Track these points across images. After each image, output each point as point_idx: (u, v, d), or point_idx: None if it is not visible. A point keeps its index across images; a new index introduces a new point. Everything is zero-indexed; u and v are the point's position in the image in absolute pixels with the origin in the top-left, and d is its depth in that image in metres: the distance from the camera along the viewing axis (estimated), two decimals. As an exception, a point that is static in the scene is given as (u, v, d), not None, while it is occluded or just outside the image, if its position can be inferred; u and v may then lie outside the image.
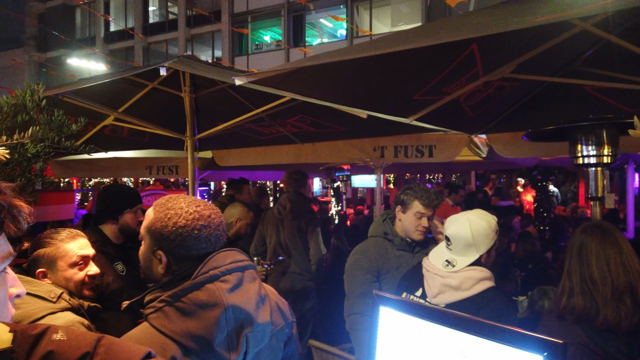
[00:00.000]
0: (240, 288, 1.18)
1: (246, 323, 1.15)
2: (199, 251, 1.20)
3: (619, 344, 1.51)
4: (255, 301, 1.19)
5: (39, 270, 1.70)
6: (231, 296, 1.14)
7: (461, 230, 1.87)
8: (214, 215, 1.25)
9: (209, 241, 1.22)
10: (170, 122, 4.08)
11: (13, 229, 0.78)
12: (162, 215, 1.21)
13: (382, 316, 1.19)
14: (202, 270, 1.15)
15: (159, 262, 1.21)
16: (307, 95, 2.23)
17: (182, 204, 1.23)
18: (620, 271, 1.57)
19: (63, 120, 2.25)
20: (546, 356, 0.84)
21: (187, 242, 1.19)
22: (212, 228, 1.22)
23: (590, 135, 2.21)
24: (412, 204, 2.47)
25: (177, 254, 1.20)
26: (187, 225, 1.19)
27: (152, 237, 1.22)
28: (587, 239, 1.65)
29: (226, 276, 1.16)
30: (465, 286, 1.81)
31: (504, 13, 1.74)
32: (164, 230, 1.19)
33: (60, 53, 25.75)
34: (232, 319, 1.12)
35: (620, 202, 9.03)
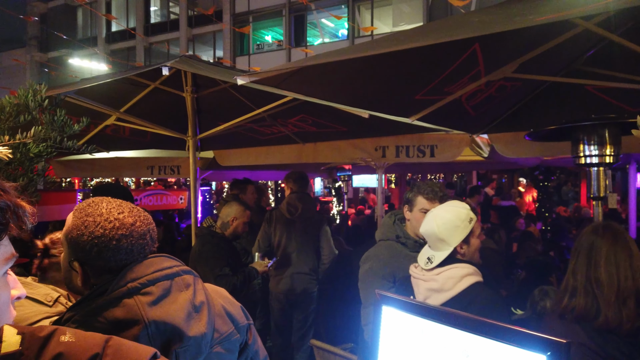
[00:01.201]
0: (166, 299, 1.06)
1: (174, 339, 1.04)
2: (118, 263, 1.08)
3: (620, 345, 1.51)
4: (185, 312, 1.07)
5: None
6: (153, 310, 1.03)
7: (428, 226, 1.88)
8: (139, 223, 1.13)
9: (129, 252, 1.09)
10: (172, 122, 4.09)
11: (17, 230, 0.77)
12: (80, 223, 1.09)
13: (385, 316, 1.19)
14: (119, 284, 1.04)
15: (77, 274, 1.11)
16: (309, 95, 2.23)
17: (103, 210, 1.11)
18: (629, 275, 1.56)
19: (65, 120, 2.25)
20: (549, 356, 0.83)
21: (104, 253, 1.07)
22: (134, 237, 1.10)
23: (592, 135, 2.20)
24: (416, 200, 2.41)
25: (94, 266, 1.09)
26: (105, 234, 1.07)
27: (68, 245, 1.12)
28: (598, 240, 1.63)
29: (148, 288, 1.05)
30: (447, 286, 1.79)
31: (506, 12, 1.74)
32: (79, 240, 1.08)
33: (62, 53, 25.80)
34: (156, 336, 1.02)
35: (622, 202, 9.02)
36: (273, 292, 4.03)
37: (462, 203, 1.97)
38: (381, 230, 2.58)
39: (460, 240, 1.85)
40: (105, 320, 1.01)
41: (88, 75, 9.95)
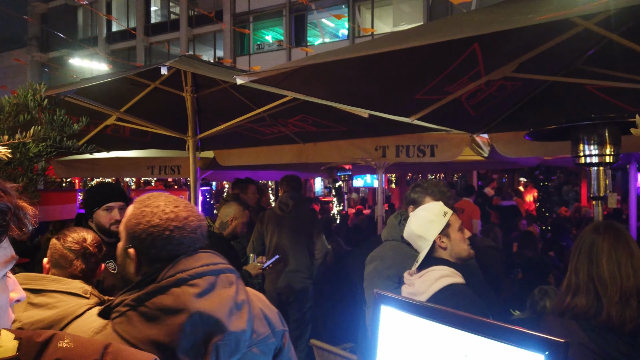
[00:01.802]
0: (211, 293, 1.11)
1: (215, 331, 1.08)
2: (169, 253, 1.14)
3: (620, 345, 1.50)
4: (228, 307, 1.11)
5: None
6: (199, 301, 1.07)
7: (407, 228, 1.98)
8: (192, 217, 1.19)
9: (181, 244, 1.15)
10: (172, 122, 4.09)
11: (17, 232, 0.76)
12: (138, 213, 1.17)
13: (384, 315, 1.19)
14: (169, 273, 1.09)
15: (131, 261, 1.17)
16: (309, 95, 2.23)
17: (161, 203, 1.17)
18: (631, 274, 1.55)
19: (65, 120, 2.25)
20: (547, 355, 0.83)
21: (158, 242, 1.13)
22: (187, 230, 1.16)
23: (592, 135, 2.20)
24: (423, 201, 2.40)
25: (147, 254, 1.15)
26: (160, 224, 1.14)
27: (126, 234, 1.18)
28: (599, 238, 1.63)
29: (195, 280, 1.10)
30: (422, 289, 1.83)
31: (506, 11, 1.73)
32: (136, 228, 1.15)
33: (63, 53, 25.81)
34: (199, 326, 1.06)
35: (623, 202, 9.01)
36: (268, 291, 4.06)
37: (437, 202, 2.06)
38: (387, 230, 2.57)
39: (437, 233, 1.89)
40: (154, 306, 1.06)
41: (89, 75, 9.95)
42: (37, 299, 1.51)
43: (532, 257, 4.15)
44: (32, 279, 1.56)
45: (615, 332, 1.52)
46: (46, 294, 1.53)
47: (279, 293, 4.01)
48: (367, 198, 16.67)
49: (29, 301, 1.49)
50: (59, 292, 1.55)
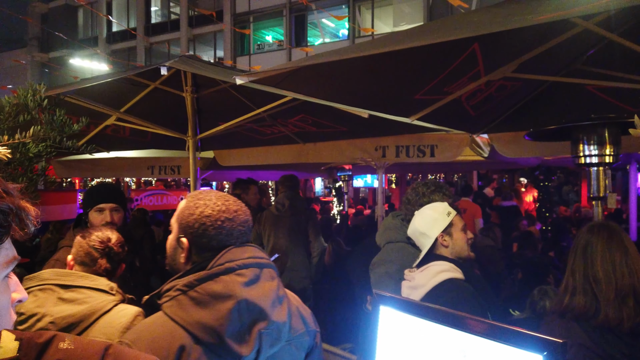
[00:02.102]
0: (257, 284, 1.18)
1: (260, 318, 1.14)
2: (219, 243, 1.21)
3: (620, 345, 1.50)
4: (271, 298, 1.18)
5: None
6: (246, 290, 1.14)
7: (411, 226, 2.04)
8: (241, 212, 1.27)
9: (230, 234, 1.22)
10: (172, 122, 4.09)
11: (19, 232, 0.75)
12: (192, 205, 1.24)
13: (383, 315, 1.19)
14: (218, 262, 1.16)
15: (182, 250, 1.23)
16: (308, 95, 2.23)
17: (212, 197, 1.26)
18: (625, 273, 1.56)
19: (64, 120, 2.26)
20: (546, 355, 0.83)
21: (209, 232, 1.20)
22: (236, 223, 1.24)
23: (592, 135, 2.20)
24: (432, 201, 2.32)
25: (198, 243, 1.22)
26: (212, 215, 1.21)
27: (179, 224, 1.25)
28: (593, 239, 1.65)
29: (242, 270, 1.17)
30: (421, 282, 1.89)
31: (506, 12, 1.74)
32: (189, 218, 1.22)
33: (63, 53, 25.83)
34: (245, 313, 1.12)
35: (623, 203, 9.01)
36: None
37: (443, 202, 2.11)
38: (387, 233, 2.51)
39: (439, 232, 1.94)
40: (204, 292, 1.12)
41: (89, 76, 9.96)
42: (66, 294, 1.55)
43: (532, 257, 4.15)
44: (61, 274, 1.60)
45: (615, 333, 1.52)
46: (75, 290, 1.57)
47: None
48: (367, 198, 16.67)
49: (59, 296, 1.54)
50: (87, 288, 1.59)
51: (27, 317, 1.50)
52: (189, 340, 1.08)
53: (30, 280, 1.60)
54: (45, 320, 1.49)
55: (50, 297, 1.54)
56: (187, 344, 1.08)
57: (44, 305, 1.52)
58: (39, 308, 1.51)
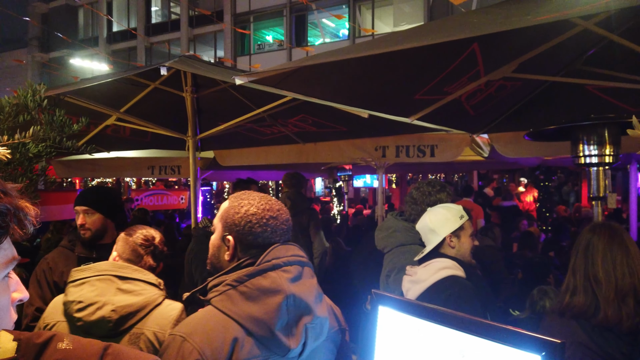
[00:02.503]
0: (301, 280, 1.22)
1: (306, 313, 1.19)
2: (264, 240, 1.25)
3: (620, 345, 1.51)
4: (314, 295, 1.23)
5: None
6: (292, 285, 1.18)
7: (422, 221, 2.05)
8: (282, 211, 1.31)
9: (275, 232, 1.27)
10: (172, 122, 4.10)
11: (19, 232, 0.75)
12: (236, 204, 1.28)
13: (381, 316, 1.19)
14: (266, 259, 1.20)
15: (227, 248, 1.27)
16: (308, 95, 2.23)
17: (255, 197, 1.30)
18: (626, 272, 1.56)
19: (64, 120, 2.26)
20: (544, 356, 0.83)
21: (256, 229, 1.24)
22: (279, 221, 1.28)
23: (592, 135, 2.20)
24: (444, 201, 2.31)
25: (244, 241, 1.25)
26: (258, 213, 1.25)
27: (223, 224, 1.29)
28: (595, 238, 1.65)
29: (288, 267, 1.21)
30: (423, 277, 1.90)
31: (505, 12, 1.73)
32: (235, 217, 1.26)
33: (63, 53, 25.84)
34: (292, 307, 1.16)
35: (623, 202, 9.00)
36: None
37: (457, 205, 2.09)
38: (395, 236, 2.41)
39: (449, 232, 1.96)
40: (253, 286, 1.16)
41: (89, 76, 9.97)
42: (124, 285, 1.63)
43: (532, 257, 4.15)
44: (118, 267, 1.68)
45: (615, 332, 1.52)
46: (131, 282, 1.65)
47: None
48: (367, 198, 16.67)
49: (118, 287, 1.62)
50: (142, 281, 1.67)
51: (86, 305, 1.57)
52: (241, 333, 1.12)
53: (85, 271, 1.66)
54: (107, 309, 1.56)
55: (109, 287, 1.61)
56: (239, 336, 1.12)
57: (105, 294, 1.59)
58: (99, 297, 1.58)
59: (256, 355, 1.13)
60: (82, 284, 1.62)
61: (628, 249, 1.60)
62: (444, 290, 1.81)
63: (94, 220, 2.23)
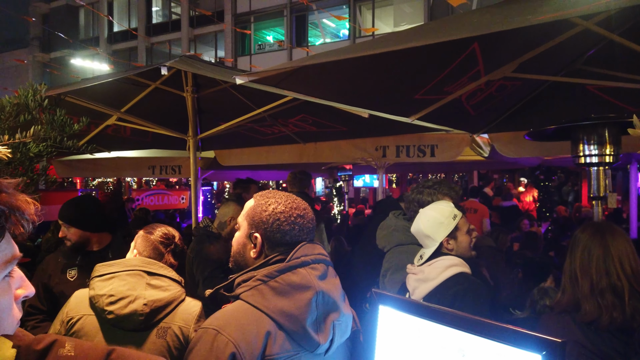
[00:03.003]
0: (328, 278, 1.23)
1: (333, 310, 1.20)
2: (292, 238, 1.25)
3: (615, 344, 1.51)
4: (340, 293, 1.25)
5: None
6: (321, 282, 1.19)
7: (415, 225, 2.02)
8: (308, 210, 1.32)
9: (302, 230, 1.27)
10: (172, 122, 4.10)
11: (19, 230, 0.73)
12: (263, 202, 1.29)
13: (382, 315, 1.19)
14: (295, 255, 1.21)
15: (254, 245, 1.27)
16: (308, 95, 2.23)
17: (282, 195, 1.31)
18: (602, 270, 1.57)
19: (65, 120, 2.26)
20: (544, 355, 0.83)
21: (284, 227, 1.25)
22: (306, 219, 1.29)
23: (592, 135, 2.20)
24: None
25: (272, 238, 1.25)
26: (285, 211, 1.26)
27: (250, 221, 1.29)
28: (579, 235, 1.69)
29: (315, 264, 1.22)
30: (431, 276, 1.88)
31: (505, 12, 1.73)
32: (262, 214, 1.26)
33: (64, 53, 25.84)
34: (321, 304, 1.17)
35: (624, 202, 9.00)
36: None
37: (447, 202, 2.08)
38: (394, 235, 2.45)
39: (444, 236, 1.94)
40: (284, 282, 1.17)
41: (90, 76, 9.98)
42: (152, 280, 1.67)
43: (532, 257, 4.14)
44: (147, 262, 1.72)
45: (609, 330, 1.52)
46: (159, 278, 1.69)
47: None
48: (368, 198, 16.67)
49: (147, 282, 1.65)
50: (167, 277, 1.71)
51: (118, 298, 1.60)
52: (273, 327, 1.13)
53: (112, 266, 1.69)
54: (139, 302, 1.60)
55: (140, 281, 1.65)
56: (272, 330, 1.12)
57: (136, 288, 1.63)
58: (130, 291, 1.62)
59: (288, 350, 1.13)
60: (110, 278, 1.65)
61: (608, 247, 1.60)
62: (453, 286, 1.81)
63: (72, 233, 2.29)
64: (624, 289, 1.53)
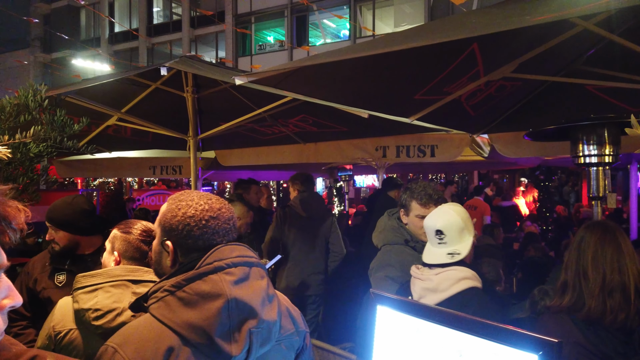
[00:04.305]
0: (246, 282, 1.15)
1: (250, 317, 1.12)
2: (205, 242, 1.18)
3: (615, 344, 1.51)
4: (261, 297, 1.16)
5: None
6: (235, 289, 1.11)
7: (451, 218, 1.90)
8: (224, 209, 1.24)
9: (216, 233, 1.20)
10: (173, 122, 4.11)
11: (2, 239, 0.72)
12: (174, 207, 1.21)
13: (380, 315, 1.20)
14: (207, 261, 1.13)
15: (167, 253, 1.21)
16: (308, 95, 2.24)
17: (194, 197, 1.23)
18: (615, 268, 1.57)
19: (65, 120, 2.26)
20: (541, 355, 0.84)
21: (195, 232, 1.18)
22: (221, 220, 1.21)
23: (591, 135, 2.20)
24: (411, 205, 2.33)
25: (184, 245, 1.19)
26: (196, 215, 1.18)
27: (162, 228, 1.22)
28: (588, 235, 1.67)
29: (231, 269, 1.14)
30: (442, 287, 1.80)
31: (505, 12, 1.74)
32: (172, 221, 1.19)
33: (65, 54, 25.88)
34: (234, 312, 1.10)
35: (624, 202, 8.99)
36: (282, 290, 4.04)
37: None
38: (384, 234, 2.46)
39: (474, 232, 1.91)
40: (192, 291, 1.09)
41: (91, 76, 9.98)
42: (138, 289, 1.60)
43: (531, 257, 4.15)
44: (130, 270, 1.65)
45: (610, 330, 1.51)
46: (144, 284, 1.61)
47: (294, 293, 3.95)
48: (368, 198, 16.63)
49: (133, 290, 1.59)
50: (153, 282, 1.59)
51: (104, 312, 1.53)
52: (177, 342, 1.06)
53: (95, 277, 1.61)
54: (127, 314, 1.52)
55: (125, 292, 1.58)
56: (175, 345, 1.05)
57: (122, 300, 1.56)
58: (116, 303, 1.55)
59: None
60: (94, 290, 1.58)
61: (619, 245, 1.61)
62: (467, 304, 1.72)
63: (59, 236, 2.19)
64: (631, 287, 1.54)
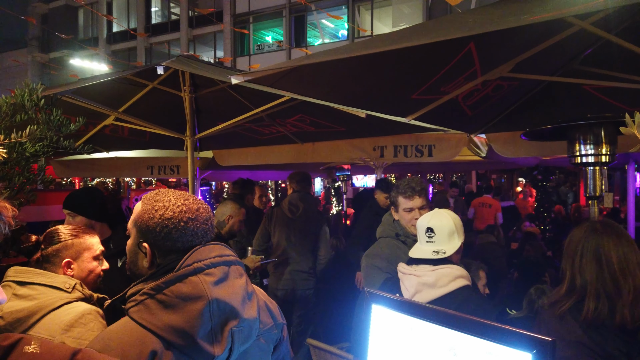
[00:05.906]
0: (226, 282, 1.15)
1: (231, 317, 1.12)
2: (184, 244, 1.17)
3: (618, 343, 1.48)
4: (241, 296, 1.16)
5: (66, 260, 1.70)
6: (216, 289, 1.11)
7: (444, 220, 1.99)
8: (202, 209, 1.22)
9: (195, 234, 1.18)
10: (170, 122, 4.10)
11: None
12: (150, 208, 1.19)
13: (374, 314, 1.20)
14: (186, 263, 1.12)
15: (144, 255, 1.18)
16: (305, 95, 2.23)
17: (171, 197, 1.21)
18: (637, 270, 1.54)
19: (62, 120, 2.26)
20: (535, 354, 0.84)
21: (173, 234, 1.16)
22: (199, 221, 1.20)
23: (588, 134, 2.20)
24: (398, 201, 2.50)
25: (162, 247, 1.17)
26: (174, 217, 1.16)
27: (138, 229, 1.20)
28: (604, 240, 1.60)
29: (211, 269, 1.14)
30: (441, 283, 1.85)
31: (501, 11, 1.74)
32: (150, 222, 1.17)
33: (63, 53, 25.84)
34: (216, 313, 1.09)
35: (622, 202, 9.01)
36: (272, 289, 4.06)
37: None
38: (382, 227, 2.65)
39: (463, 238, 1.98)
40: (172, 294, 1.08)
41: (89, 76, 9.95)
42: (21, 290, 1.54)
43: (528, 256, 4.16)
44: (20, 271, 1.59)
45: (615, 330, 1.49)
46: (30, 286, 1.56)
47: (284, 292, 4.00)
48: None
49: (14, 292, 1.53)
50: (42, 285, 1.57)
51: None
52: (159, 345, 1.05)
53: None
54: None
55: (6, 293, 1.53)
56: (158, 349, 1.04)
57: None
58: None
59: None
60: None
61: (634, 246, 1.58)
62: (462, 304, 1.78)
63: (77, 222, 2.25)
64: None
